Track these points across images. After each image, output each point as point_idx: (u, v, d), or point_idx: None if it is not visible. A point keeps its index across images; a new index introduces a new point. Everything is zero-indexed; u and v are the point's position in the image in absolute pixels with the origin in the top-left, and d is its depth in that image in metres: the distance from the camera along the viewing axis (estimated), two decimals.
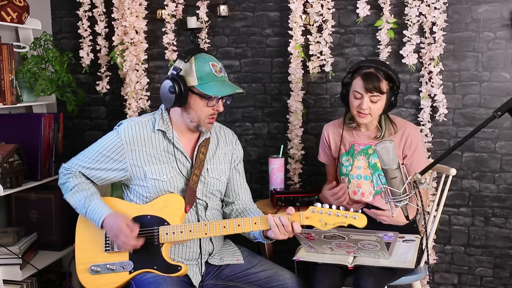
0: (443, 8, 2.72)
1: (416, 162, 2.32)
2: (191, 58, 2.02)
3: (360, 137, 2.39)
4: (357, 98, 2.27)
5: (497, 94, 2.80)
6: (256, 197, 2.96)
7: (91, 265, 2.04)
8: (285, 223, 1.93)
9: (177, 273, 1.99)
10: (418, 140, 2.34)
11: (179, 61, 2.03)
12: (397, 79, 2.28)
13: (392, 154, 1.77)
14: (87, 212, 2.04)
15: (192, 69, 2.01)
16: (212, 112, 2.06)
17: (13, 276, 2.51)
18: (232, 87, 2.04)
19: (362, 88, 2.24)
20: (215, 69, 2.02)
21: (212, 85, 2.01)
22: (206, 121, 2.06)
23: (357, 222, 1.91)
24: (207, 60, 2.03)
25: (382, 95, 2.24)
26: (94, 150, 2.10)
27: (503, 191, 2.84)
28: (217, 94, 2.00)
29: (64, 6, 3.20)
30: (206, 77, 2.00)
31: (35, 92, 2.74)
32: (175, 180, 2.07)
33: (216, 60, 2.06)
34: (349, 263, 2.09)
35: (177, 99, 2.00)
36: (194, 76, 2.00)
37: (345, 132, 2.41)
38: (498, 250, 2.87)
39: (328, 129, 2.50)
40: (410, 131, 2.34)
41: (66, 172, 2.13)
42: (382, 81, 2.24)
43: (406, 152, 2.33)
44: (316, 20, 2.85)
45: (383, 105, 2.28)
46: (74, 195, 2.08)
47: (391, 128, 2.35)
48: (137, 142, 2.08)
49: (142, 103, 3.05)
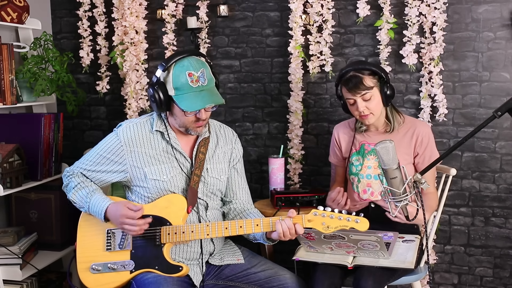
0: (443, 8, 2.72)
1: (428, 159, 2.32)
2: (170, 66, 2.00)
3: (371, 137, 2.39)
4: (352, 104, 2.30)
5: (497, 94, 2.80)
6: (256, 197, 2.96)
7: (92, 264, 2.05)
8: (289, 225, 1.93)
9: (178, 273, 1.99)
10: (429, 137, 2.35)
11: (159, 68, 2.02)
12: (380, 69, 2.28)
13: (392, 154, 1.77)
14: (90, 206, 2.04)
15: (169, 78, 2.00)
16: (196, 119, 2.03)
17: (13, 276, 2.51)
18: (206, 100, 1.98)
19: (349, 93, 2.26)
20: (191, 78, 1.97)
21: (186, 97, 1.98)
22: (193, 126, 2.05)
23: (359, 226, 1.91)
24: (185, 68, 1.98)
25: (371, 91, 2.25)
26: (95, 153, 2.11)
27: (503, 191, 2.84)
28: (188, 109, 1.98)
29: (64, 6, 3.20)
30: (182, 88, 1.98)
31: (35, 92, 2.74)
32: (176, 180, 2.07)
33: (197, 67, 1.98)
34: (348, 263, 2.09)
35: (159, 107, 2.02)
36: (171, 86, 1.99)
37: (356, 133, 2.43)
38: (498, 250, 2.87)
39: (338, 130, 2.50)
40: (420, 129, 2.35)
41: (68, 175, 2.15)
42: (364, 78, 2.25)
43: (417, 150, 2.34)
44: (316, 20, 2.85)
45: (379, 100, 2.28)
46: (76, 192, 2.08)
47: (399, 118, 2.36)
48: (136, 143, 2.08)
49: (142, 103, 3.05)
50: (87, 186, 2.09)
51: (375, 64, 2.30)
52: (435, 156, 2.33)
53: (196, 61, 2.01)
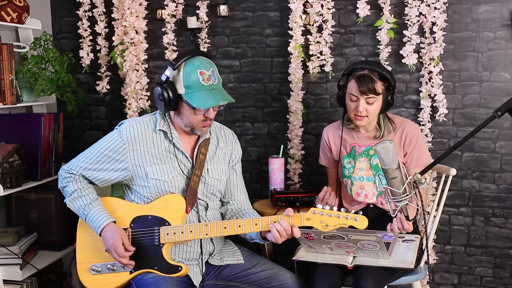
0: (443, 8, 2.72)
1: (416, 158, 2.31)
2: (180, 65, 2.00)
3: (360, 138, 2.38)
4: (353, 100, 2.26)
5: (497, 94, 2.80)
6: (256, 197, 2.97)
7: (92, 264, 2.05)
8: (285, 227, 1.93)
9: (177, 273, 1.99)
10: (417, 137, 2.33)
11: (168, 68, 2.02)
12: (392, 79, 2.26)
13: (392, 154, 1.77)
14: (87, 219, 2.04)
15: (179, 77, 1.99)
16: (204, 118, 2.04)
17: (13, 276, 2.51)
18: (218, 98, 2.00)
19: (357, 91, 2.23)
20: (203, 77, 1.98)
21: (198, 95, 1.98)
22: (200, 126, 2.06)
23: (358, 224, 1.91)
24: (196, 67, 1.98)
25: (377, 96, 2.23)
26: (95, 151, 2.09)
27: (503, 191, 2.84)
28: (200, 106, 1.99)
29: (64, 6, 3.20)
30: (193, 86, 1.98)
31: (35, 92, 2.74)
32: (176, 180, 2.07)
33: (208, 66, 2.00)
34: (348, 263, 2.09)
35: (167, 106, 2.02)
36: (181, 84, 1.99)
37: (345, 134, 2.41)
38: (498, 250, 2.87)
39: (328, 132, 2.49)
40: (409, 129, 2.33)
41: (66, 176, 2.11)
42: (376, 82, 2.22)
43: (406, 150, 2.33)
44: (316, 20, 2.85)
45: (379, 106, 2.27)
46: (74, 201, 2.07)
47: (390, 126, 2.34)
48: (139, 142, 2.08)
49: (142, 103, 3.05)
50: (84, 195, 2.07)
51: (390, 72, 2.27)
52: (423, 156, 2.31)
53: (206, 60, 2.02)
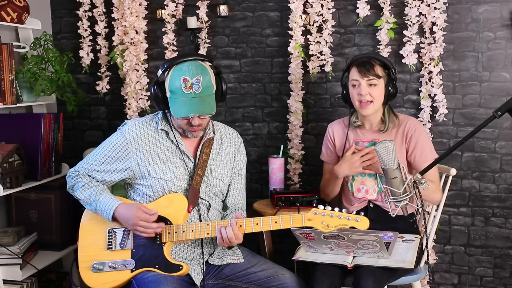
0: (443, 8, 2.72)
1: (419, 154, 2.30)
2: (169, 69, 2.01)
3: (364, 135, 2.39)
4: (355, 86, 2.29)
5: (497, 94, 2.80)
6: (256, 197, 2.97)
7: (93, 263, 2.06)
8: (230, 235, 1.95)
9: (178, 272, 2.00)
10: (419, 132, 2.33)
11: (159, 69, 2.04)
12: (392, 66, 2.31)
13: (392, 154, 1.77)
14: (97, 205, 2.05)
15: (166, 80, 2.02)
16: (190, 124, 2.03)
17: (13, 276, 2.51)
18: (193, 108, 1.97)
19: (358, 74, 2.27)
20: (185, 84, 1.96)
21: (177, 101, 1.99)
22: (189, 129, 2.06)
23: (359, 225, 1.91)
24: (182, 73, 1.97)
25: (379, 80, 2.27)
26: (99, 152, 2.12)
27: (503, 191, 2.84)
28: (175, 114, 2.01)
29: (64, 6, 3.20)
30: (175, 92, 1.99)
31: (35, 92, 2.74)
32: (179, 180, 2.08)
33: (195, 73, 1.97)
34: (348, 263, 2.09)
35: (157, 105, 2.06)
36: (167, 88, 2.02)
37: (350, 131, 2.43)
38: (498, 250, 2.87)
39: (333, 127, 2.50)
40: (410, 125, 2.34)
41: (74, 176, 2.15)
42: (376, 66, 2.28)
43: (408, 145, 2.33)
44: (316, 20, 2.85)
45: (382, 91, 2.28)
46: (84, 191, 2.09)
47: (395, 120, 2.36)
48: (142, 141, 2.09)
49: (142, 103, 3.05)
50: (96, 185, 2.10)
51: (389, 60, 2.34)
52: (427, 153, 2.30)
53: (196, 67, 1.99)
